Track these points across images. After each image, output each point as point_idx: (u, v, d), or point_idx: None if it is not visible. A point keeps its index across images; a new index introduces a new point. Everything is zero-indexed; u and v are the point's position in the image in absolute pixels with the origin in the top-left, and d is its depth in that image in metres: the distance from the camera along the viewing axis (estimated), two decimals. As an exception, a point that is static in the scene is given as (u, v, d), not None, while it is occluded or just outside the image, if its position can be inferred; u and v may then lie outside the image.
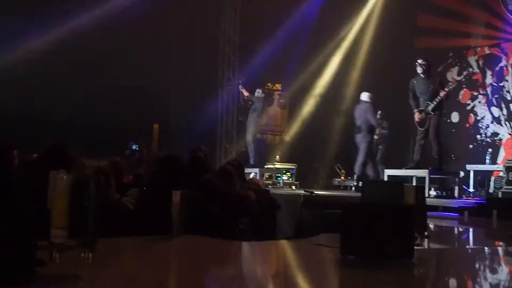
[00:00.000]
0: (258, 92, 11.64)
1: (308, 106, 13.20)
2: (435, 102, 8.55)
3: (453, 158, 11.37)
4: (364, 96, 10.14)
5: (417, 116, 8.70)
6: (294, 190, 10.60)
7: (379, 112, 11.06)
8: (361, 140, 9.95)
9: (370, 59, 12.65)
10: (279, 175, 11.56)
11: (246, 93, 11.78)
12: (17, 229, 2.17)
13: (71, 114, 9.93)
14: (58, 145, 3.73)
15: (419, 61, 8.69)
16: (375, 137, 10.21)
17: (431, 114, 8.59)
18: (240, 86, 11.94)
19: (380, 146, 11.28)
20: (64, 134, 8.40)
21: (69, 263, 2.32)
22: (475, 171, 9.98)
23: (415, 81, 8.85)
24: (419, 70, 8.72)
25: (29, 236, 2.18)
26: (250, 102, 11.61)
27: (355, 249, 2.88)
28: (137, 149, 6.03)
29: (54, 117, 9.75)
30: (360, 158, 9.92)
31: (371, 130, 9.93)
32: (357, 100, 10.52)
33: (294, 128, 13.33)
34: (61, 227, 2.27)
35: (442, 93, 8.51)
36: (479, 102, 12.37)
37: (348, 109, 12.22)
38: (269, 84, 14.09)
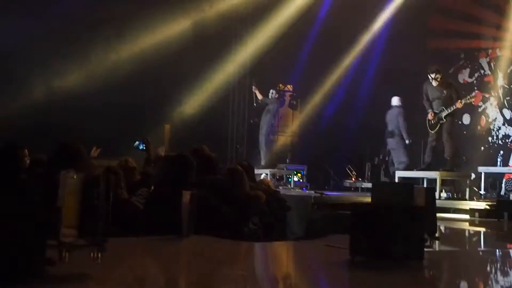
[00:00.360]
0: (272, 93, 11.61)
1: (319, 107, 13.16)
2: (449, 110, 8.51)
3: (465, 160, 11.28)
4: (395, 101, 10.23)
5: (430, 116, 8.66)
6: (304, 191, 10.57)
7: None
8: (395, 145, 10.04)
9: (384, 60, 12.59)
10: (290, 176, 11.54)
11: (259, 96, 11.72)
12: (27, 228, 2.19)
13: (81, 115, 9.98)
14: (69, 144, 3.75)
15: (432, 75, 8.68)
16: (406, 141, 10.23)
17: (443, 120, 8.55)
18: (253, 87, 11.89)
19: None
20: (75, 134, 8.44)
21: (79, 262, 2.33)
22: (486, 173, 9.89)
23: (428, 86, 8.82)
24: (433, 83, 8.71)
25: (39, 234, 2.20)
26: (263, 103, 11.57)
27: (365, 251, 2.87)
28: (144, 148, 6.03)
29: (65, 118, 9.80)
30: (402, 159, 9.93)
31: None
32: (369, 100, 10.52)
33: (305, 129, 13.30)
34: (71, 226, 2.28)
35: (458, 104, 8.47)
36: (491, 104, 12.27)
37: (362, 110, 12.21)
38: (280, 85, 14.07)
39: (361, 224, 2.92)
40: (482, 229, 6.46)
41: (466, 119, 12.46)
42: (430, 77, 8.71)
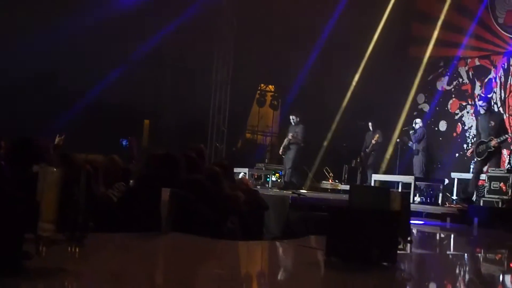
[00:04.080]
0: (293, 119, 11.52)
1: (300, 109, 13.27)
2: (500, 139, 8.64)
3: (439, 166, 11.52)
4: None
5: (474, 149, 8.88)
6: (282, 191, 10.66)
7: (370, 123, 11.35)
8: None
9: (367, 66, 12.76)
10: (268, 176, 11.61)
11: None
12: (4, 221, 2.18)
13: (61, 108, 9.88)
14: (27, 140, 3.68)
15: (479, 103, 9.04)
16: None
17: (491, 148, 8.69)
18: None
19: (372, 153, 11.55)
20: (55, 129, 8.36)
21: (56, 257, 2.32)
22: (459, 179, 10.12)
23: (479, 117, 9.06)
24: (481, 111, 8.94)
25: (15, 228, 2.19)
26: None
27: (340, 252, 2.92)
28: (127, 145, 6.04)
29: (45, 112, 9.69)
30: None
31: None
32: (351, 104, 10.62)
33: (285, 129, 13.38)
34: (49, 220, 2.27)
35: (493, 142, 8.60)
36: (467, 112, 12.53)
37: (340, 113, 12.34)
38: (262, 85, 14.13)
39: (337, 225, 2.97)
40: (453, 234, 6.61)
41: (442, 125, 12.70)
42: (479, 106, 9.22)
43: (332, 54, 12.47)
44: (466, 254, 4.73)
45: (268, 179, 11.53)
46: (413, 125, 10.85)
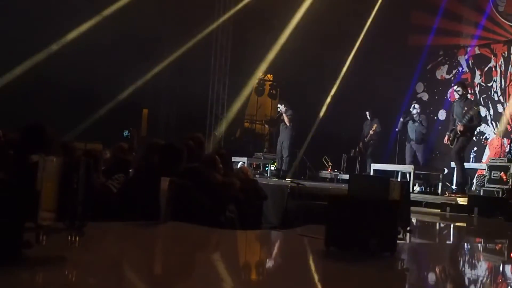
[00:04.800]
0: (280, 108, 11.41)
1: (299, 97, 13.23)
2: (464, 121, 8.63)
3: (438, 155, 11.52)
4: None
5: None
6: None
7: (367, 112, 11.32)
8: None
9: (365, 54, 12.69)
10: (267, 165, 11.60)
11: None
12: (4, 210, 2.17)
13: (60, 99, 9.84)
14: (36, 127, 3.68)
15: (455, 87, 8.99)
16: None
17: (458, 134, 8.65)
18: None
19: (371, 142, 11.52)
20: (54, 117, 8.34)
21: (56, 245, 2.32)
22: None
23: (454, 103, 9.01)
24: (456, 96, 8.85)
25: (15, 217, 2.19)
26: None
27: (339, 241, 2.93)
28: (129, 136, 6.06)
29: (45, 100, 9.65)
30: None
31: None
32: (348, 93, 10.55)
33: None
34: (49, 209, 2.27)
35: (459, 127, 8.60)
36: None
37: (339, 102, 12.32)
38: (260, 74, 14.07)
39: (336, 215, 2.97)
40: (453, 223, 6.63)
41: (441, 115, 12.69)
42: (454, 91, 9.13)
43: (330, 43, 12.42)
44: (466, 244, 4.75)
45: (266, 168, 11.53)
46: (411, 110, 10.57)
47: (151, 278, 2.38)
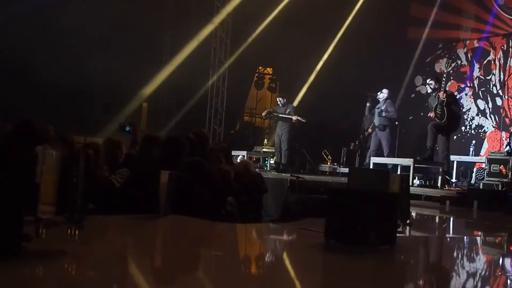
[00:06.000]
0: (280, 101, 11.34)
1: (298, 91, 13.21)
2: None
3: (437, 148, 11.51)
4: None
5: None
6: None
7: (368, 104, 11.24)
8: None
9: (365, 46, 12.65)
10: (266, 158, 11.59)
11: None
12: (4, 203, 2.17)
13: (61, 91, 9.78)
14: (27, 122, 3.66)
15: (428, 80, 9.13)
16: None
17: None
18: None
19: (371, 135, 11.45)
20: (55, 111, 8.33)
21: (56, 239, 2.32)
22: (458, 162, 10.13)
23: (429, 98, 9.03)
24: (429, 89, 8.99)
25: (15, 210, 2.18)
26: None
27: (339, 235, 2.93)
28: (131, 130, 6.04)
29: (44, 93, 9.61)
30: None
31: None
32: (347, 87, 10.51)
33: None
34: (49, 203, 2.27)
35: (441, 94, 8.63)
36: (466, 94, 12.50)
37: (339, 96, 12.30)
38: (260, 67, 14.03)
39: (336, 208, 2.97)
40: (452, 217, 6.64)
41: (441, 108, 12.66)
42: (427, 84, 9.27)
43: (328, 35, 12.38)
44: (465, 237, 4.76)
45: (266, 162, 11.52)
46: (378, 94, 10.18)
47: (151, 271, 2.38)
